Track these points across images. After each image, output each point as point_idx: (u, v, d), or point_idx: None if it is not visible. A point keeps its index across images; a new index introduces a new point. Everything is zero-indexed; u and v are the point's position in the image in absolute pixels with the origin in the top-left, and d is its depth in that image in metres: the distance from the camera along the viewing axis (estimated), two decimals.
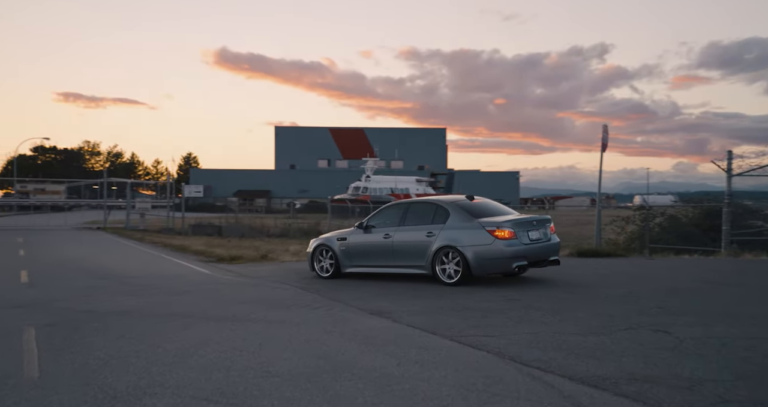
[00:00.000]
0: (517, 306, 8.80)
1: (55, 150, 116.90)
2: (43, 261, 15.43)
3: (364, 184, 59.47)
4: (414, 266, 11.25)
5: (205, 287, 10.43)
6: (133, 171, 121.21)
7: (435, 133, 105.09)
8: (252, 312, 7.94)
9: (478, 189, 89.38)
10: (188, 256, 17.26)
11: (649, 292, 9.89)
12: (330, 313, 8.16)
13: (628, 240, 19.54)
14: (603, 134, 16.35)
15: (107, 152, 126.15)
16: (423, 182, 65.11)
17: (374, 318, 7.94)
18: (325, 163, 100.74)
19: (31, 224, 35.53)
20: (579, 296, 9.56)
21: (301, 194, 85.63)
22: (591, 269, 12.88)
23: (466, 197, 11.68)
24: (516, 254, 10.53)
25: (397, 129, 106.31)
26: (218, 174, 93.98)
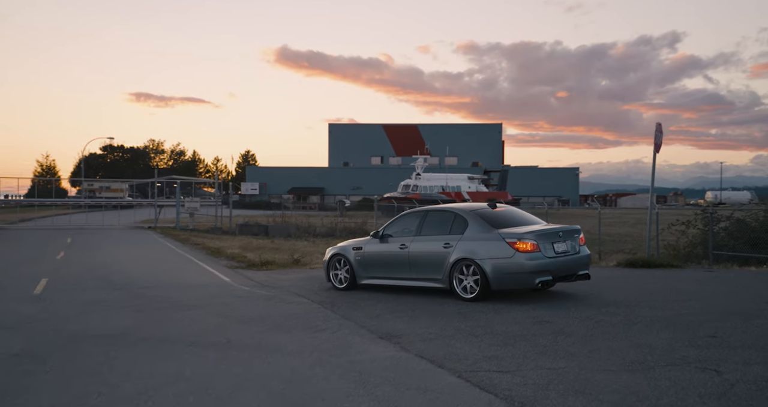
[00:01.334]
0: (545, 330, 7.87)
1: (123, 149, 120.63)
2: (72, 267, 15.28)
3: (414, 182, 58.58)
4: (431, 279, 10.43)
5: (217, 301, 9.88)
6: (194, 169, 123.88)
7: (490, 128, 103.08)
8: (249, 336, 7.30)
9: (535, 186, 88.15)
10: (219, 261, 16.89)
11: (701, 315, 8.77)
12: (334, 337, 7.43)
13: (690, 246, 18.02)
14: (656, 134, 15.01)
15: (170, 150, 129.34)
16: (475, 180, 63.73)
17: (381, 343, 7.17)
18: (378, 160, 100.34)
19: (85, 223, 36.24)
20: (619, 318, 8.54)
21: (353, 192, 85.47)
22: (638, 284, 11.74)
23: (488, 205, 10.77)
24: (539, 269, 9.58)
25: (452, 125, 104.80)
26: (273, 172, 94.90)
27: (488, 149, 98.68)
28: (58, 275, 13.48)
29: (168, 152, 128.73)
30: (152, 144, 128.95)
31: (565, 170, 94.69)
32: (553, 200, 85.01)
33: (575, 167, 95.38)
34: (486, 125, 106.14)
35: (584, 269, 10.34)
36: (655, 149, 15.13)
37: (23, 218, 43.94)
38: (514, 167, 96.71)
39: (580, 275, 10.27)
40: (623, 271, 13.98)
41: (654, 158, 15.33)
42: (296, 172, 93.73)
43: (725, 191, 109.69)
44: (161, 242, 24.14)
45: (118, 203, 44.98)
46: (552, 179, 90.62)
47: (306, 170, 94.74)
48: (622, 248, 21.22)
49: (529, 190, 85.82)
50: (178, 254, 19.07)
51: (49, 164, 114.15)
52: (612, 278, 12.57)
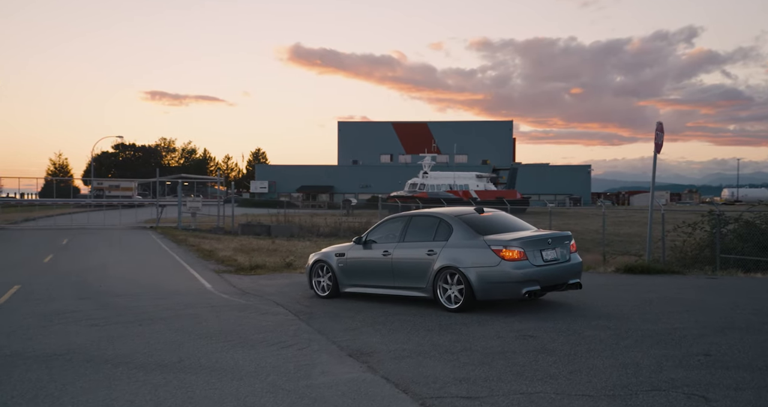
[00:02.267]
0: (527, 346, 7.39)
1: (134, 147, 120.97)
2: (53, 272, 14.91)
3: (421, 180, 58.03)
4: (414, 288, 9.97)
5: (188, 312, 9.45)
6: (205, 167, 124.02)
7: (501, 125, 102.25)
8: (206, 354, 6.83)
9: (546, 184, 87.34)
10: (208, 264, 16.50)
11: (697, 328, 8.25)
12: (300, 354, 6.98)
13: (697, 249, 17.37)
14: (657, 133, 14.41)
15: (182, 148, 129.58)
16: (483, 178, 63.06)
17: (348, 363, 6.71)
18: (387, 158, 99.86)
19: (87, 222, 36.06)
20: (608, 333, 8.03)
21: (362, 190, 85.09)
22: (635, 293, 11.20)
23: (475, 210, 10.28)
24: (525, 278, 9.09)
25: (462, 122, 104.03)
26: (283, 170, 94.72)
27: (499, 146, 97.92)
28: (33, 282, 13.08)
29: (179, 150, 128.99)
30: (164, 143, 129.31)
31: (576, 168, 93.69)
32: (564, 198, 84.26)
33: (587, 164, 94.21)
34: (497, 122, 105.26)
35: (575, 278, 9.84)
36: (656, 149, 14.55)
37: (28, 217, 43.91)
38: (525, 164, 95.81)
39: (571, 284, 9.77)
40: (621, 277, 13.44)
41: (654, 158, 14.76)
42: (305, 170, 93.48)
43: (743, 188, 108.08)
44: (156, 244, 23.83)
45: (126, 202, 44.74)
46: (563, 176, 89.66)
47: (315, 168, 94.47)
48: (629, 250, 20.61)
49: (540, 188, 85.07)
50: (169, 257, 18.72)
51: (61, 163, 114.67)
52: (608, 286, 12.04)
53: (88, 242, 24.65)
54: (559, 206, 65.58)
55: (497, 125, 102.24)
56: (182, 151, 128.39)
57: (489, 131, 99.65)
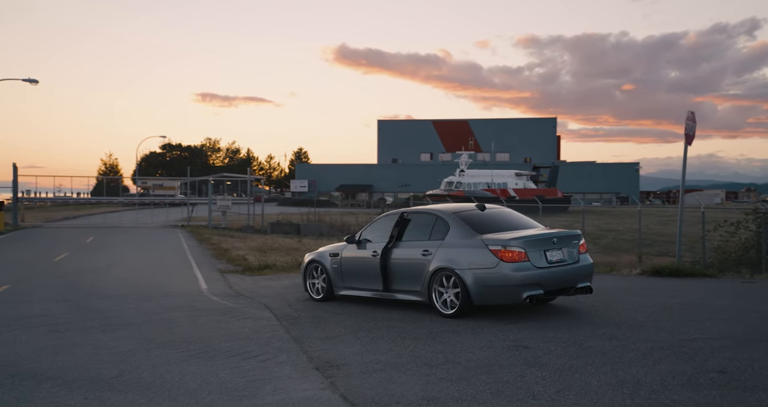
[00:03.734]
0: (518, 359, 6.61)
1: (180, 147, 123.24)
2: (53, 271, 14.62)
3: (457, 179, 56.88)
4: (409, 292, 9.24)
5: (164, 316, 8.90)
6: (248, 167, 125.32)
7: (545, 123, 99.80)
8: (153, 367, 6.17)
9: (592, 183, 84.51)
10: (218, 263, 16.08)
11: (718, 340, 7.33)
12: (260, 367, 6.33)
13: (742, 249, 16.08)
14: (687, 124, 13.26)
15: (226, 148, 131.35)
16: (523, 176, 61.48)
17: (311, 377, 6.04)
18: (427, 156, 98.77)
19: (119, 221, 36.34)
20: (614, 344, 7.18)
21: (401, 189, 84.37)
22: (657, 298, 10.24)
23: (477, 206, 9.49)
24: (526, 281, 8.28)
25: (504, 120, 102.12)
26: (322, 169, 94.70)
27: (542, 144, 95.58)
28: (25, 282, 12.75)
29: (223, 150, 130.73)
30: (209, 143, 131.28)
31: (624, 166, 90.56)
32: (610, 197, 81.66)
33: (635, 162, 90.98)
34: (540, 119, 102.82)
35: (585, 282, 8.96)
36: (687, 141, 13.37)
37: (69, 215, 44.73)
38: (570, 162, 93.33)
39: (580, 288, 8.90)
40: (646, 280, 12.42)
41: (685, 150, 13.56)
42: (345, 169, 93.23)
43: None
44: (178, 242, 23.65)
45: (168, 200, 44.98)
46: (610, 175, 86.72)
47: (354, 167, 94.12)
48: (669, 251, 19.36)
49: (585, 186, 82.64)
50: (182, 256, 18.39)
51: (112, 163, 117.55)
52: (629, 290, 11.08)
53: (111, 240, 24.66)
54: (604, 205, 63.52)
55: (540, 122, 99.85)
56: (226, 151, 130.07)
57: (532, 128, 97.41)
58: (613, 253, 19.93)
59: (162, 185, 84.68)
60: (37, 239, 25.05)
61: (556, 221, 33.56)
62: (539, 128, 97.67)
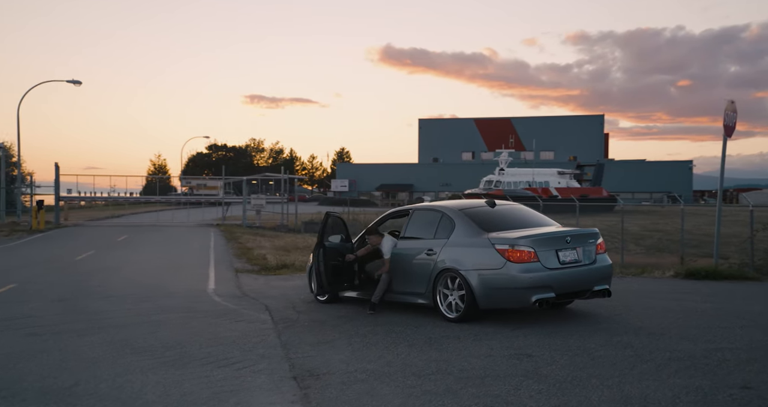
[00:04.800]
0: (517, 369, 6.03)
1: (226, 148, 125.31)
2: (69, 270, 14.51)
3: (497, 178, 55.64)
4: (413, 294, 8.70)
5: (155, 319, 8.49)
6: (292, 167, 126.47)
7: (591, 120, 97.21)
8: (116, 376, 5.66)
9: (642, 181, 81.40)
10: (236, 263, 15.80)
11: (747, 351, 6.61)
12: (233, 376, 5.87)
13: None
14: (726, 114, 12.30)
15: (270, 148, 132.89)
16: (566, 175, 59.77)
17: (284, 388, 5.55)
18: (469, 155, 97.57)
19: (156, 221, 36.74)
20: (627, 353, 6.52)
21: (442, 188, 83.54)
22: (687, 302, 9.45)
23: (487, 203, 8.88)
24: (535, 283, 7.65)
25: (548, 117, 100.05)
26: (363, 168, 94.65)
27: (588, 142, 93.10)
28: (32, 281, 12.60)
29: (267, 150, 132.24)
30: (253, 143, 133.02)
31: (676, 164, 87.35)
32: (662, 196, 78.85)
33: (688, 160, 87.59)
34: (586, 116, 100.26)
35: (602, 284, 8.27)
36: (726, 133, 12.38)
37: (113, 214, 45.59)
38: (619, 161, 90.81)
39: (597, 291, 8.21)
40: (680, 283, 11.57)
41: (724, 143, 12.57)
42: (385, 168, 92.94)
43: None
44: (206, 241, 23.59)
45: (213, 200, 45.49)
46: (662, 173, 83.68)
47: (395, 166, 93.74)
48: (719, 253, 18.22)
49: (634, 185, 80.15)
50: (203, 255, 18.20)
51: (160, 163, 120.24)
52: (657, 294, 10.30)
53: (142, 239, 24.79)
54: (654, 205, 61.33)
55: (587, 120, 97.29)
56: (270, 151, 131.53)
57: (578, 126, 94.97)
58: (657, 254, 18.95)
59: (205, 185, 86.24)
60: (70, 238, 25.39)
61: (600, 221, 32.37)
62: (586, 125, 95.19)
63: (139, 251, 19.38)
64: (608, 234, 27.61)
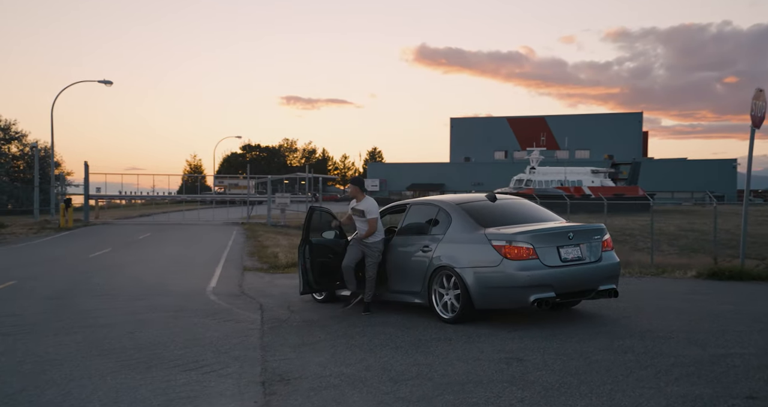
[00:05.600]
0: (503, 375, 5.60)
1: (260, 148, 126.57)
2: (81, 267, 14.42)
3: (527, 176, 54.64)
4: (409, 293, 8.29)
5: (140, 318, 8.04)
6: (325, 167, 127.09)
7: (629, 118, 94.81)
8: (67, 381, 5.36)
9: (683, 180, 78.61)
10: (247, 261, 15.58)
11: (761, 356, 6.10)
12: (195, 381, 5.45)
13: None
14: (754, 104, 11.51)
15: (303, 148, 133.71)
16: (600, 173, 58.39)
17: (247, 395, 5.11)
18: (502, 154, 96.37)
19: (182, 219, 36.92)
20: (627, 358, 6.04)
21: (474, 188, 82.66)
22: (705, 304, 8.87)
23: (487, 197, 8.43)
24: (533, 282, 7.19)
25: (584, 115, 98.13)
26: (394, 168, 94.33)
27: (626, 140, 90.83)
28: (34, 279, 12.51)
29: (300, 150, 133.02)
30: (286, 143, 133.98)
31: (719, 163, 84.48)
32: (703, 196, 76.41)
33: (732, 158, 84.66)
34: (623, 114, 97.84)
35: (608, 283, 7.75)
36: (754, 124, 11.59)
37: (144, 213, 46.12)
38: (659, 159, 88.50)
39: (602, 291, 7.70)
40: (701, 284, 10.92)
41: (752, 135, 11.79)
42: (416, 168, 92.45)
43: None
44: (225, 239, 23.49)
45: (244, 199, 45.73)
46: (704, 172, 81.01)
47: (426, 165, 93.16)
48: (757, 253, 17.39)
49: (675, 184, 77.88)
50: (216, 253, 18.01)
51: (196, 164, 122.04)
52: (674, 295, 9.71)
53: (163, 237, 24.85)
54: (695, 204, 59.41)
55: (625, 118, 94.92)
56: (303, 151, 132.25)
57: (615, 124, 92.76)
58: (692, 254, 18.18)
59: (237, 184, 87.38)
60: (93, 236, 25.62)
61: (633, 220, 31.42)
62: (623, 123, 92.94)
63: (153, 249, 19.37)
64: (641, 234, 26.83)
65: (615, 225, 26.77)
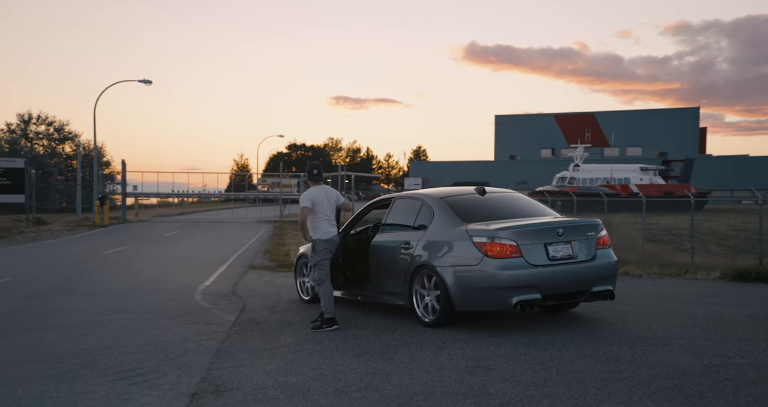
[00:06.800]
0: (460, 386, 5.06)
1: (305, 147, 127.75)
2: (85, 264, 14.37)
3: (571, 174, 53.02)
4: (390, 294, 7.76)
5: (102, 320, 7.77)
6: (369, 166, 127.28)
7: (685, 113, 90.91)
8: None
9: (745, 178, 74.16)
10: (259, 259, 15.20)
11: (757, 367, 5.41)
12: (119, 392, 4.97)
13: None
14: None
15: (347, 148, 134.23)
16: (650, 171, 56.18)
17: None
18: (548, 152, 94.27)
19: (216, 217, 37.08)
20: (609, 367, 5.40)
21: (518, 186, 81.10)
22: (717, 307, 8.08)
23: (476, 190, 7.83)
24: (516, 282, 6.58)
25: (636, 111, 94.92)
26: (436, 166, 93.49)
27: (681, 136, 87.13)
28: (29, 276, 12.40)
29: (345, 149, 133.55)
30: (331, 142, 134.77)
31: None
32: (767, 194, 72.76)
33: None
34: (680, 109, 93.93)
35: (603, 284, 7.07)
36: None
37: (184, 212, 46.73)
38: (717, 156, 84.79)
39: (595, 293, 7.03)
40: (721, 286, 10.05)
41: None
42: (460, 166, 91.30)
43: None
44: (249, 236, 23.32)
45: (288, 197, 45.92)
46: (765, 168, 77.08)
47: (470, 164, 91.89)
48: None
49: (734, 182, 74.38)
50: (231, 250, 17.67)
51: (243, 163, 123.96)
52: (687, 297, 8.91)
53: (188, 234, 24.85)
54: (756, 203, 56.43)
55: (681, 113, 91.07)
56: (348, 150, 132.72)
57: (670, 120, 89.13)
58: (739, 255, 17.01)
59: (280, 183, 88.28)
60: (122, 233, 25.88)
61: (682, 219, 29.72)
62: (679, 119, 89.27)
63: (171, 246, 19.32)
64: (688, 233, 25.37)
65: (662, 224, 25.54)
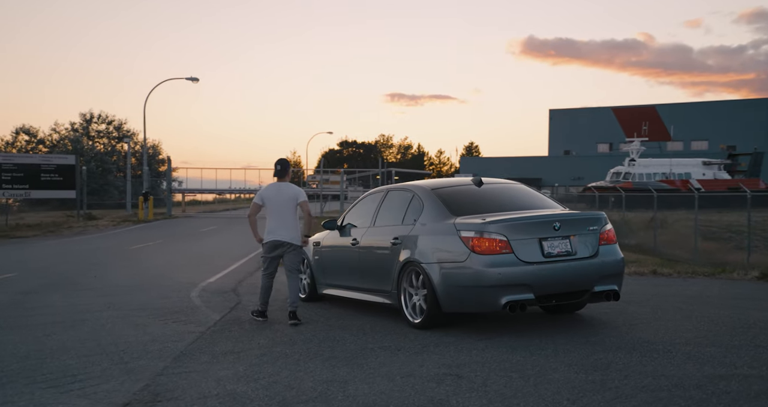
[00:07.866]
0: (422, 398, 4.56)
1: (356, 144, 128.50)
2: (104, 259, 14.47)
3: (626, 169, 50.84)
4: (379, 292, 7.26)
5: (79, 318, 7.53)
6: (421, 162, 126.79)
7: (757, 104, 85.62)
8: None
9: None
10: None
11: (765, 379, 4.64)
12: (45, 401, 4.45)
13: None
14: None
15: (399, 144, 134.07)
16: (713, 165, 53.34)
17: None
18: (606, 147, 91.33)
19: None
20: (595, 376, 4.81)
21: (573, 182, 78.86)
22: (743, 310, 7.33)
23: (473, 181, 7.26)
24: (505, 281, 6.01)
25: (702, 103, 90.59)
26: (488, 162, 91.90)
27: (753, 129, 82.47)
28: (38, 270, 12.46)
29: (396, 146, 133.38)
30: (382, 139, 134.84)
31: None
32: None
33: None
34: (748, 100, 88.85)
35: (606, 284, 6.39)
36: None
37: (229, 208, 47.37)
38: None
39: (597, 293, 6.35)
40: (756, 287, 9.16)
41: None
42: (512, 162, 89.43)
43: None
44: None
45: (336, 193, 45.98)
46: None
47: (523, 159, 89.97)
48: None
49: None
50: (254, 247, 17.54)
51: (296, 161, 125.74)
52: (712, 299, 8.10)
53: (222, 230, 24.82)
54: None
55: (752, 105, 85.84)
56: (399, 147, 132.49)
57: (739, 111, 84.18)
58: None
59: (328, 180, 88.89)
60: (161, 228, 26.17)
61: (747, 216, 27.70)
62: (750, 111, 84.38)
63: (200, 242, 19.32)
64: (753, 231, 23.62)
65: (723, 221, 24.05)
